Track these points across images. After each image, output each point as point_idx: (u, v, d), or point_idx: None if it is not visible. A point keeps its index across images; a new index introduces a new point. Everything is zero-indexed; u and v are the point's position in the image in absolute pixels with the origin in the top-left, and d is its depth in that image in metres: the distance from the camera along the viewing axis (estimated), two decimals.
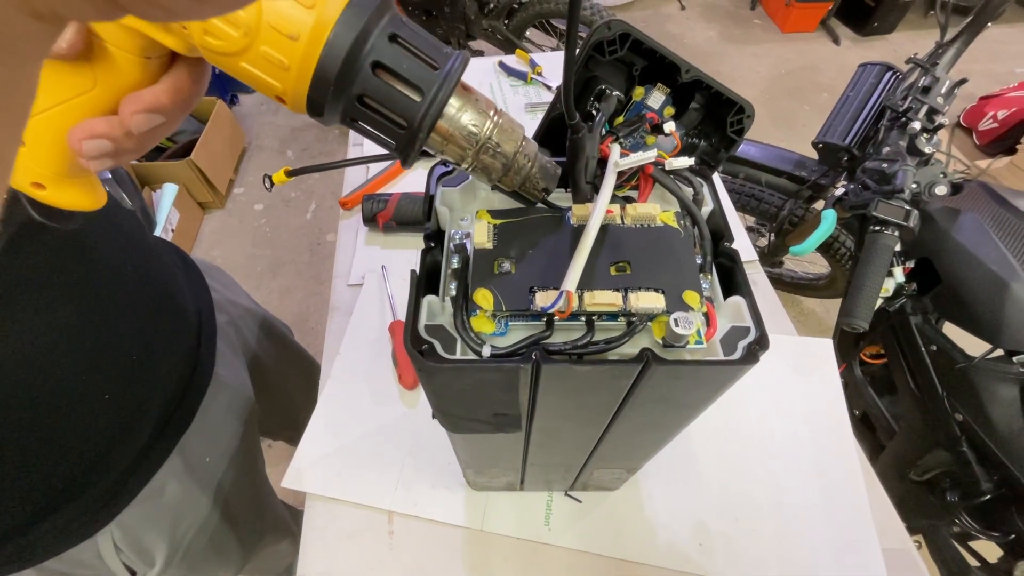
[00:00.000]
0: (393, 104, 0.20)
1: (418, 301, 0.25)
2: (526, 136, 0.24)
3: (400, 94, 0.20)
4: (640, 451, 0.38)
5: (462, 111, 0.22)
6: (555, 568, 0.49)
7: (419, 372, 0.24)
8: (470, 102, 0.22)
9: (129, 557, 0.50)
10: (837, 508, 0.51)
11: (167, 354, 0.49)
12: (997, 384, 0.69)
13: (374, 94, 0.20)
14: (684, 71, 0.32)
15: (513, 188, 0.25)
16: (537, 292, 0.24)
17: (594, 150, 0.27)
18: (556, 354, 0.23)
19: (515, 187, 0.25)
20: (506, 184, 0.25)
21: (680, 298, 0.24)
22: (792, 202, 1.07)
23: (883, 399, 0.97)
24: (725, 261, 0.28)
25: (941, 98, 0.69)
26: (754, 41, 2.61)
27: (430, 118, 0.21)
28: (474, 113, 0.22)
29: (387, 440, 0.55)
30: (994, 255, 0.67)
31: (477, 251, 0.26)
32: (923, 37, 2.60)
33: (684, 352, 0.24)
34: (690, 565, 0.49)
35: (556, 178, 0.26)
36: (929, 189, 0.68)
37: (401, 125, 0.21)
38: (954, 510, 0.79)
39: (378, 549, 0.49)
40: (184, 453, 0.51)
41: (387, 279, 0.67)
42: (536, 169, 0.25)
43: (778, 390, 0.59)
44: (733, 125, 0.34)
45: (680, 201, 0.28)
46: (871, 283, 0.63)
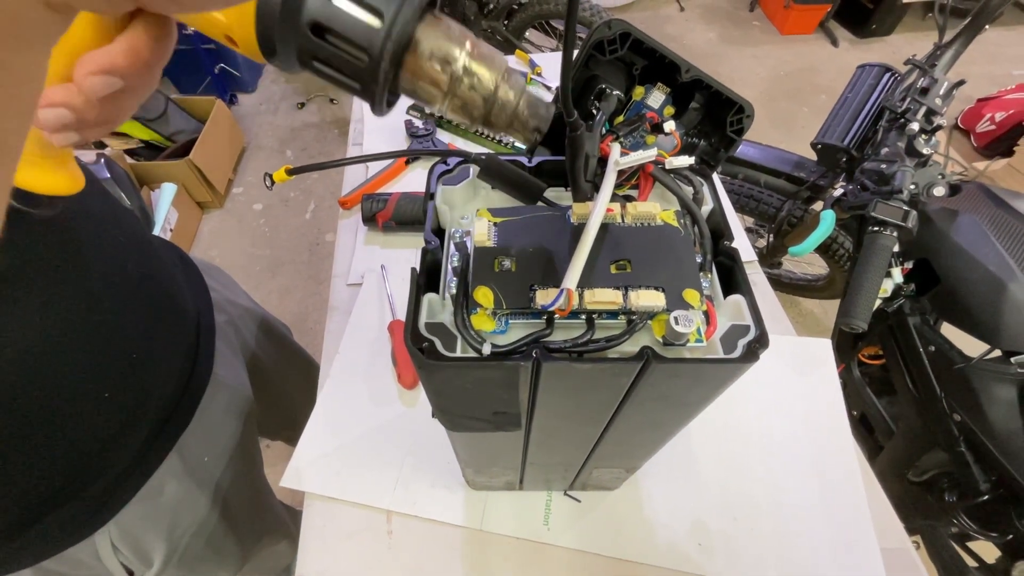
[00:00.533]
0: (350, 31, 0.18)
1: (418, 299, 0.25)
2: (511, 68, 0.22)
3: (356, 20, 0.18)
4: (639, 450, 0.38)
5: (431, 39, 0.19)
6: (554, 568, 0.49)
7: (419, 370, 0.24)
8: (440, 29, 0.20)
9: (127, 557, 0.50)
10: (836, 508, 0.52)
11: (166, 353, 0.49)
12: (995, 384, 0.69)
13: (327, 21, 0.18)
14: (684, 70, 0.32)
15: (500, 129, 0.23)
16: (537, 290, 0.24)
17: (594, 149, 0.27)
18: (556, 352, 0.23)
19: (503, 128, 0.23)
20: (492, 125, 0.23)
21: (680, 296, 0.24)
22: (791, 203, 1.07)
23: (881, 400, 0.97)
24: (725, 260, 0.28)
25: (939, 99, 0.69)
26: (753, 43, 2.61)
27: (392, 43, 0.18)
28: (445, 41, 0.20)
29: (386, 439, 0.55)
30: (992, 256, 0.67)
31: (477, 249, 0.26)
32: (921, 39, 2.61)
33: (684, 350, 0.24)
34: (689, 564, 0.49)
35: (548, 118, 0.24)
36: (927, 190, 0.69)
37: (362, 58, 0.18)
38: (952, 510, 0.80)
39: (377, 548, 0.49)
40: (183, 453, 0.51)
41: (386, 279, 0.67)
42: (524, 105, 0.22)
43: (777, 390, 0.59)
44: (733, 125, 0.34)
45: (680, 200, 0.28)
46: (870, 283, 0.63)
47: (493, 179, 0.29)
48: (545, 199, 0.27)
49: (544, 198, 0.27)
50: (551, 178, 0.31)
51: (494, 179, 0.29)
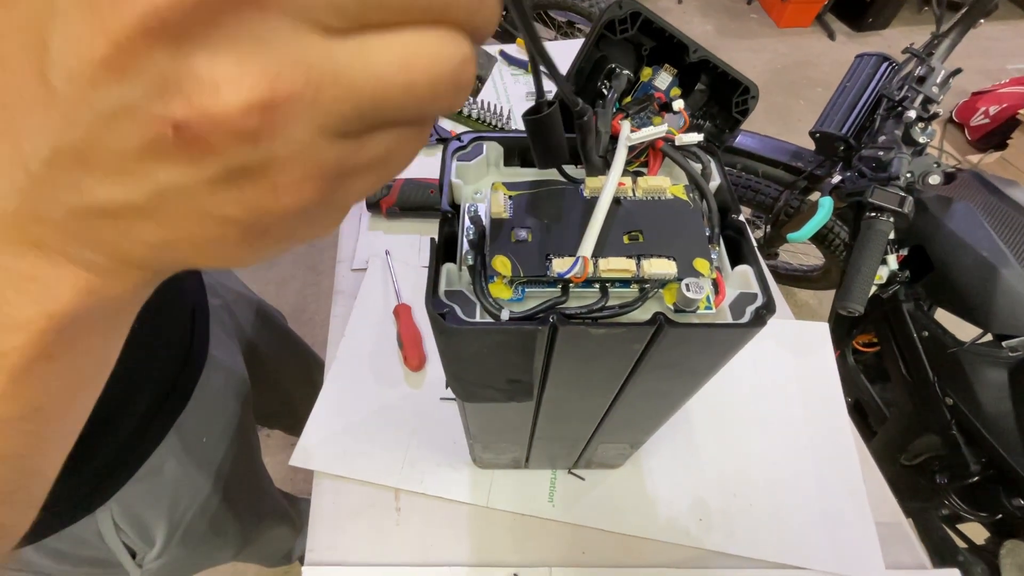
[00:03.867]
0: None
1: (438, 268, 0.25)
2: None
3: None
4: (646, 422, 0.39)
5: None
6: (558, 543, 0.50)
7: (439, 335, 0.25)
8: None
9: (129, 535, 0.50)
10: (832, 484, 0.53)
11: (162, 330, 0.49)
12: (986, 368, 0.71)
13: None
14: (692, 51, 0.32)
15: None
16: (553, 259, 0.25)
17: (607, 126, 0.28)
18: (573, 318, 0.24)
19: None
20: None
21: (691, 265, 0.25)
22: (788, 193, 1.08)
23: (875, 386, 0.99)
24: (732, 233, 0.29)
25: (936, 88, 0.70)
26: (750, 36, 2.62)
27: None
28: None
29: (393, 420, 0.56)
30: (985, 242, 0.69)
31: (494, 220, 0.27)
32: (917, 32, 2.62)
33: (694, 317, 0.25)
34: (689, 539, 0.50)
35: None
36: (923, 178, 0.70)
37: None
38: (943, 492, 0.82)
39: (385, 525, 0.50)
40: (181, 432, 0.51)
41: (391, 264, 0.68)
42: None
43: (775, 371, 0.61)
44: (738, 105, 0.35)
45: (689, 175, 0.29)
46: (866, 268, 0.64)
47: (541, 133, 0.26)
48: (563, 171, 0.28)
49: (562, 170, 0.28)
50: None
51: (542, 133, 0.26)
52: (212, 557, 0.64)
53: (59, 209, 0.12)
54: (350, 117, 0.12)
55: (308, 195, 0.12)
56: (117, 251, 0.13)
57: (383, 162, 0.14)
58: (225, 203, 0.12)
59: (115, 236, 0.13)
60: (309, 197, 0.12)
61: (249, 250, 0.14)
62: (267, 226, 0.13)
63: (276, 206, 0.12)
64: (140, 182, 0.11)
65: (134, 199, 0.12)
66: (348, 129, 0.12)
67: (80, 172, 0.11)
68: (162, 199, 0.12)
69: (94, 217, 0.12)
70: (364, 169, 0.13)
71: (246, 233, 0.13)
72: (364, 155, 0.13)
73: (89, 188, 0.11)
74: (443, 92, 0.12)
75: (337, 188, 0.13)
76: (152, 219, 0.12)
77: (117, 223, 0.12)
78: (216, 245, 0.13)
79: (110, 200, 0.12)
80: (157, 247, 0.13)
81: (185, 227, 0.12)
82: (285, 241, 0.14)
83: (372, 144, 0.13)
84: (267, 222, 0.13)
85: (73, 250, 0.13)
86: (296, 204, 0.12)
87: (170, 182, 0.11)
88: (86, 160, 0.11)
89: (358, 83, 0.11)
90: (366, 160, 0.13)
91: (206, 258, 0.14)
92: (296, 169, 0.12)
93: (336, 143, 0.12)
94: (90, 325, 0.14)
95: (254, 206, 0.12)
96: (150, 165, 0.11)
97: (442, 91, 0.12)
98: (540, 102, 0.22)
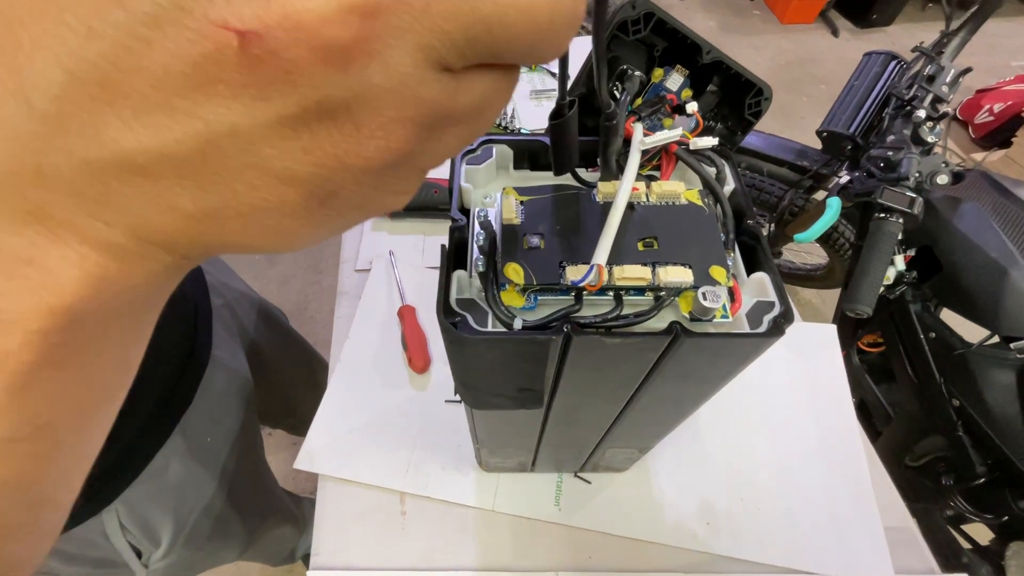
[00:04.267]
0: None
1: (449, 275, 0.25)
2: None
3: None
4: (656, 428, 0.39)
5: None
6: (564, 547, 0.50)
7: (450, 344, 0.24)
8: None
9: (135, 536, 0.50)
10: (840, 488, 0.53)
11: (164, 331, 0.49)
12: (994, 370, 0.70)
13: None
14: (705, 52, 0.32)
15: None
16: (567, 266, 0.24)
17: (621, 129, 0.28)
18: (587, 327, 0.23)
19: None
20: None
21: (707, 273, 0.25)
22: (792, 192, 1.07)
23: (879, 387, 0.99)
24: (747, 239, 0.28)
25: (946, 87, 0.70)
26: (753, 32, 2.60)
27: None
28: None
29: (398, 422, 0.55)
30: (994, 243, 0.68)
31: (505, 227, 0.26)
32: (921, 30, 2.60)
33: (710, 326, 0.25)
34: (696, 543, 0.50)
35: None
36: (931, 178, 0.69)
37: None
38: (948, 494, 0.81)
39: (391, 529, 0.50)
40: (185, 433, 0.51)
41: (395, 264, 0.67)
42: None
43: (783, 374, 0.60)
44: (751, 107, 0.34)
45: (703, 180, 0.28)
46: (875, 269, 0.63)
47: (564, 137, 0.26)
48: (576, 174, 0.27)
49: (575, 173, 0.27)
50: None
51: (565, 137, 0.26)
52: (218, 556, 0.64)
53: (69, 163, 0.09)
54: (459, 43, 0.09)
55: (397, 144, 0.10)
56: (143, 224, 0.10)
57: (477, 113, 0.11)
58: (291, 153, 0.09)
59: (142, 202, 0.10)
60: (398, 147, 0.10)
61: (306, 224, 0.11)
62: (337, 188, 0.10)
63: (357, 158, 0.10)
64: (184, 123, 0.09)
65: (174, 148, 0.09)
66: (451, 61, 0.10)
67: (102, 108, 0.08)
68: (211, 148, 0.09)
69: (116, 174, 0.09)
70: (458, 118, 0.11)
71: (310, 198, 0.10)
72: (461, 100, 0.10)
73: (113, 131, 0.09)
74: (560, 25, 0.10)
75: (428, 140, 0.11)
76: (194, 177, 0.09)
77: (147, 183, 0.09)
78: (270, 215, 0.10)
79: (141, 149, 0.09)
80: (195, 219, 0.10)
81: (236, 189, 0.10)
82: (350, 214, 0.12)
83: (471, 86, 0.11)
84: (339, 182, 0.10)
85: (84, 222, 0.10)
86: (381, 156, 0.10)
87: (225, 123, 0.09)
88: (112, 89, 0.08)
89: None
90: (462, 106, 0.11)
91: (252, 234, 0.11)
92: (389, 107, 0.09)
93: (438, 78, 0.10)
94: (105, 323, 0.11)
95: (328, 158, 0.10)
96: (200, 97, 0.08)
97: (559, 24, 0.10)
98: (561, 104, 0.22)
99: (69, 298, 0.10)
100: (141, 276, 0.11)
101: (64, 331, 0.10)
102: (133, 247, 0.10)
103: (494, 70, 0.11)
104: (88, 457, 0.14)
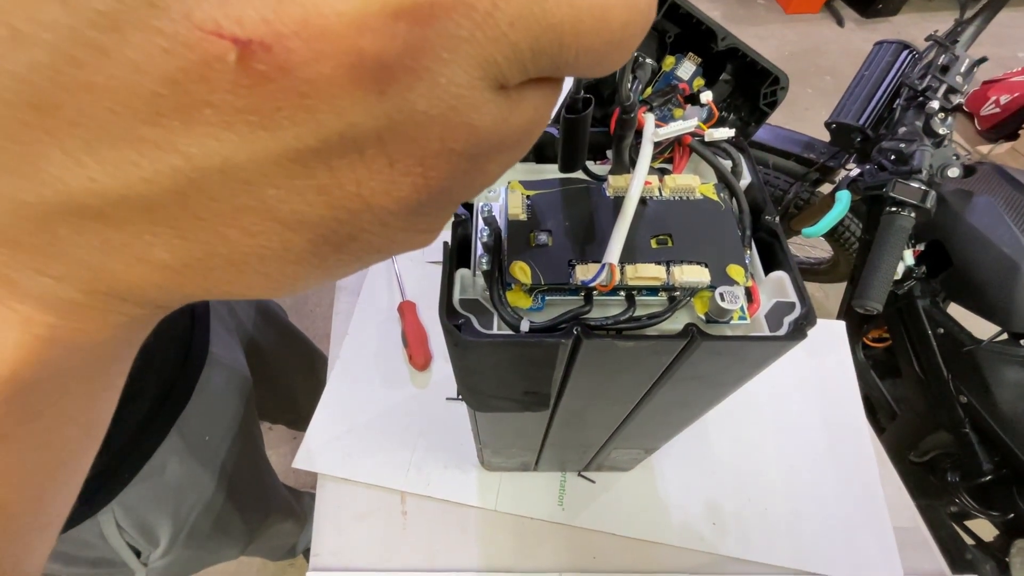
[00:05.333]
0: None
1: (451, 274, 0.24)
2: None
3: None
4: (665, 431, 0.38)
5: None
6: (568, 547, 0.49)
7: (453, 347, 0.23)
8: None
9: (132, 536, 0.49)
10: (849, 488, 0.52)
11: (161, 329, 0.48)
12: (1004, 367, 0.69)
13: None
14: (720, 38, 0.30)
15: None
16: (577, 265, 0.23)
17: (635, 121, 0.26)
18: (597, 329, 0.22)
19: None
20: None
21: (724, 272, 0.23)
22: (798, 185, 1.06)
23: (885, 382, 0.98)
24: (765, 236, 0.27)
25: (960, 77, 0.68)
26: (758, 22, 2.57)
27: None
28: None
29: (398, 421, 0.55)
30: (1007, 237, 0.67)
31: (511, 223, 0.25)
32: (927, 19, 2.57)
33: (727, 328, 0.24)
34: (702, 544, 0.49)
35: None
36: (941, 171, 0.68)
37: None
38: (954, 490, 0.81)
39: (392, 529, 0.49)
40: (183, 431, 0.50)
41: (395, 259, 0.66)
42: None
43: (791, 372, 0.59)
44: (766, 97, 0.33)
45: (719, 173, 0.27)
46: (886, 265, 0.62)
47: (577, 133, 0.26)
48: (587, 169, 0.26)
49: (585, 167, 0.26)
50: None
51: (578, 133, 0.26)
52: (219, 554, 0.64)
53: (1, 207, 0.07)
54: (524, 56, 0.08)
55: (437, 182, 0.08)
56: (102, 277, 0.08)
57: (525, 137, 0.10)
58: (302, 195, 0.08)
59: (100, 253, 0.08)
60: (436, 185, 0.08)
61: (314, 271, 0.09)
62: (356, 232, 0.09)
63: (386, 198, 0.08)
64: (156, 157, 0.07)
65: (141, 189, 0.07)
66: (511, 77, 0.08)
67: (39, 137, 0.06)
68: (193, 189, 0.07)
69: (64, 220, 0.07)
70: (506, 144, 0.09)
71: (322, 244, 0.08)
72: (513, 123, 0.09)
73: (55, 168, 0.07)
74: (633, 32, 0.09)
75: (469, 173, 0.09)
76: (171, 224, 0.07)
77: (106, 230, 0.07)
78: (269, 264, 0.08)
79: (95, 190, 0.07)
80: (173, 270, 0.08)
81: (226, 236, 0.08)
82: (367, 257, 0.10)
83: (523, 106, 0.09)
84: (360, 225, 0.08)
85: (22, 276, 0.08)
86: (417, 196, 0.08)
87: (213, 158, 0.07)
88: (52, 114, 0.06)
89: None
90: (512, 131, 0.09)
91: (245, 283, 0.09)
92: (434, 139, 0.08)
93: (494, 99, 0.08)
94: (61, 384, 0.10)
95: (350, 199, 0.08)
96: (177, 125, 0.06)
97: (632, 31, 0.09)
98: (576, 98, 0.20)
99: (7, 368, 0.08)
100: (103, 333, 0.09)
101: (7, 402, 0.09)
102: (90, 303, 0.08)
103: (545, 86, 0.09)
104: (55, 523, 0.13)
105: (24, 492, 0.10)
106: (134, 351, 0.12)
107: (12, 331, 0.08)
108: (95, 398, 0.11)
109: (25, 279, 0.08)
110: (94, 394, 0.11)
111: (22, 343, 0.08)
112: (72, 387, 0.10)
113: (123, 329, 0.10)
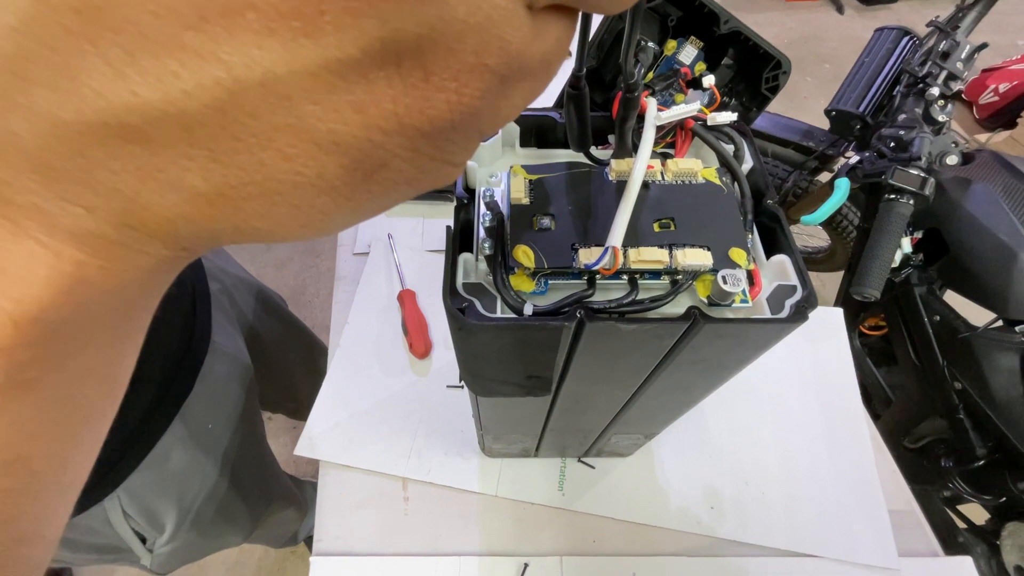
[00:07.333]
0: None
1: (455, 259, 0.24)
2: None
3: None
4: (665, 415, 0.38)
5: None
6: (568, 532, 0.49)
7: (456, 331, 0.23)
8: None
9: (138, 523, 0.50)
10: (844, 472, 0.52)
11: (163, 318, 0.48)
12: (998, 353, 0.70)
13: None
14: (723, 21, 0.30)
15: None
16: (580, 249, 0.23)
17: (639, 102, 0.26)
18: (600, 313, 0.22)
19: None
20: None
21: (727, 255, 0.23)
22: (797, 173, 1.06)
23: (880, 369, 0.99)
24: (766, 220, 0.27)
25: (961, 63, 0.68)
26: (757, 9, 2.55)
27: None
28: None
29: (399, 408, 0.55)
30: (1004, 225, 0.67)
31: (514, 207, 0.25)
32: (927, 6, 2.55)
33: (729, 311, 0.24)
34: (701, 528, 0.50)
35: None
36: (940, 158, 0.68)
37: None
38: (947, 475, 0.82)
39: (394, 515, 0.49)
40: (186, 419, 0.50)
41: (394, 248, 0.66)
42: None
43: (788, 357, 0.59)
44: (768, 82, 0.33)
45: (721, 157, 0.27)
46: (884, 252, 0.62)
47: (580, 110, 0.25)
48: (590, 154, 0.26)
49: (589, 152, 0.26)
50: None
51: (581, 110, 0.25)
52: (222, 541, 0.64)
53: (33, 127, 0.07)
54: None
55: (470, 100, 0.08)
56: (135, 208, 0.08)
57: (546, 67, 0.10)
58: (340, 112, 0.07)
59: (135, 180, 0.07)
60: (469, 104, 0.08)
61: (344, 204, 0.09)
62: (388, 157, 0.08)
63: (419, 117, 0.08)
64: (198, 68, 0.06)
65: (183, 104, 0.06)
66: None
67: (81, 46, 0.06)
68: (233, 104, 0.07)
69: (100, 142, 0.07)
70: (529, 71, 0.09)
71: (354, 170, 0.08)
72: (537, 48, 0.09)
73: (97, 81, 0.06)
74: None
75: (498, 97, 0.09)
76: (208, 144, 0.07)
77: (143, 154, 0.07)
78: (301, 193, 0.08)
79: (136, 105, 0.06)
80: (205, 200, 0.08)
81: (261, 160, 0.07)
82: (396, 190, 0.10)
83: (547, 32, 0.09)
84: (392, 149, 0.08)
85: (54, 207, 0.07)
86: (450, 115, 0.08)
87: (255, 69, 0.06)
88: (96, 19, 0.06)
89: None
90: (536, 56, 0.09)
91: (274, 218, 0.09)
92: (470, 50, 0.08)
93: (525, 16, 0.08)
94: (85, 332, 0.09)
95: (385, 117, 0.08)
96: (220, 31, 0.06)
97: None
98: (578, 75, 0.20)
99: (36, 306, 0.08)
100: (130, 274, 0.09)
101: (32, 347, 0.08)
102: (120, 238, 0.08)
103: (564, 17, 0.09)
104: (75, 485, 0.13)
105: (47, 448, 0.10)
106: (154, 304, 0.11)
107: (41, 267, 0.08)
108: (117, 351, 0.11)
109: (57, 209, 0.07)
110: (116, 346, 0.11)
111: (50, 280, 0.08)
112: (96, 336, 0.10)
113: (149, 273, 0.09)
